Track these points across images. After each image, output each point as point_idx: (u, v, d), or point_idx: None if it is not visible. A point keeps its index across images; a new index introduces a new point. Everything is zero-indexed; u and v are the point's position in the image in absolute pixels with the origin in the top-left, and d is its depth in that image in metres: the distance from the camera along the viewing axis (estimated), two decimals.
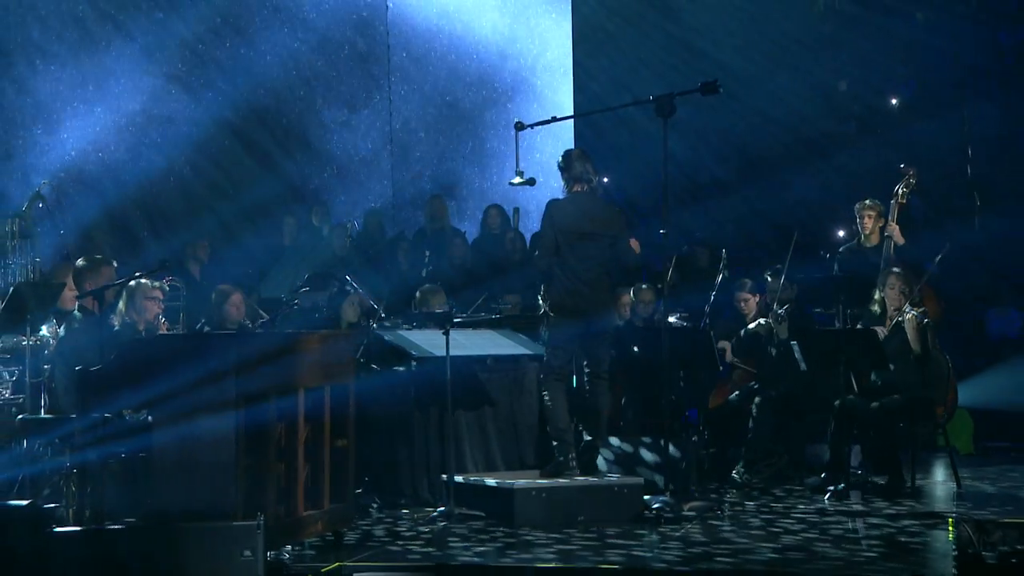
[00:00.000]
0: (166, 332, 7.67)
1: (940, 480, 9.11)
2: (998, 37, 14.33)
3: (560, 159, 8.08)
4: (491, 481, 7.62)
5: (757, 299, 9.45)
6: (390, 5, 13.92)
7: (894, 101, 14.77)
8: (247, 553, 5.57)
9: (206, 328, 8.64)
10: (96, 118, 12.13)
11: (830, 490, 8.15)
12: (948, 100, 13.88)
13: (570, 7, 14.48)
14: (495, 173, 13.87)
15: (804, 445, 9.13)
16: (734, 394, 9.24)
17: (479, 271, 10.66)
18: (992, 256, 12.25)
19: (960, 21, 13.72)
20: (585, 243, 7.87)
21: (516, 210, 11.07)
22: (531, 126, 8.30)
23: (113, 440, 6.40)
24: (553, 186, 8.76)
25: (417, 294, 9.28)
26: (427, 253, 10.36)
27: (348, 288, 9.48)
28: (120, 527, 6.07)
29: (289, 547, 6.52)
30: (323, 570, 6.19)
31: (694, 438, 8.71)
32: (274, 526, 6.00)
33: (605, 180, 10.75)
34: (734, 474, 8.84)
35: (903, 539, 6.79)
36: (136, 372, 5.99)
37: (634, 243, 8.12)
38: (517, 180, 8.18)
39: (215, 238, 11.81)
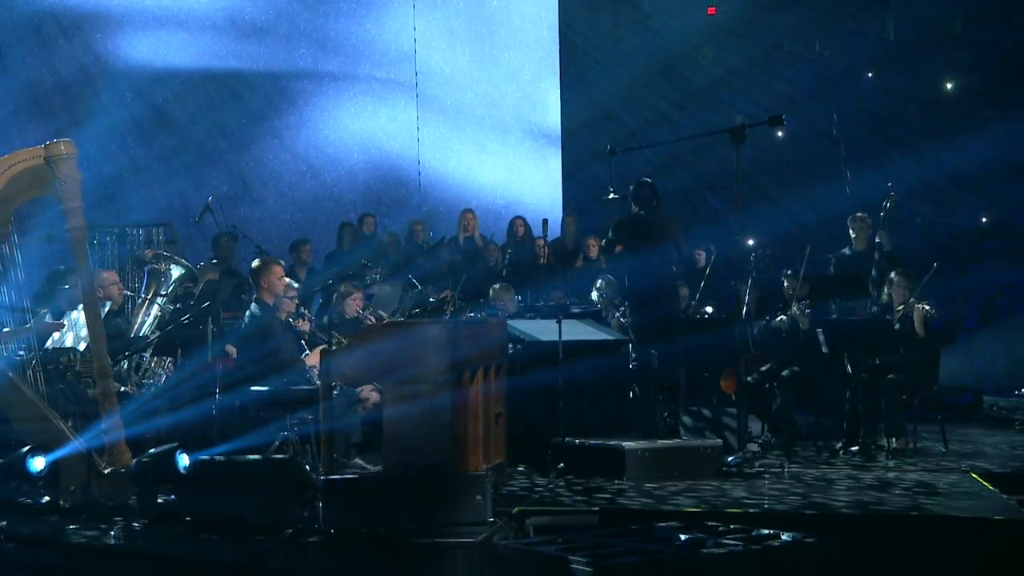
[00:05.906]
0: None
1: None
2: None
3: (632, 186, 9.85)
4: (621, 445, 8.85)
5: None
6: None
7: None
8: (478, 497, 6.92)
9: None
10: None
11: (849, 451, 9.92)
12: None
13: None
14: None
15: (819, 414, 10.84)
16: (765, 367, 10.88)
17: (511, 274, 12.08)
18: None
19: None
20: (653, 250, 9.60)
21: (545, 221, 12.51)
22: (621, 151, 9.96)
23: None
24: None
25: (491, 289, 10.82)
26: (508, 252, 11.78)
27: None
28: (371, 472, 7.41)
29: None
30: (514, 511, 7.51)
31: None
32: None
33: None
34: (761, 439, 10.52)
35: (948, 489, 8.14)
36: (373, 353, 7.34)
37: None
38: (610, 196, 9.81)
39: None
